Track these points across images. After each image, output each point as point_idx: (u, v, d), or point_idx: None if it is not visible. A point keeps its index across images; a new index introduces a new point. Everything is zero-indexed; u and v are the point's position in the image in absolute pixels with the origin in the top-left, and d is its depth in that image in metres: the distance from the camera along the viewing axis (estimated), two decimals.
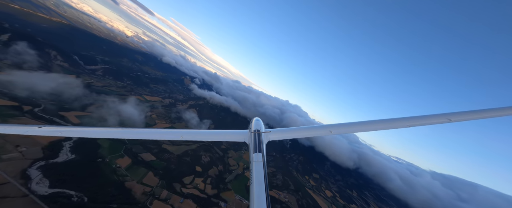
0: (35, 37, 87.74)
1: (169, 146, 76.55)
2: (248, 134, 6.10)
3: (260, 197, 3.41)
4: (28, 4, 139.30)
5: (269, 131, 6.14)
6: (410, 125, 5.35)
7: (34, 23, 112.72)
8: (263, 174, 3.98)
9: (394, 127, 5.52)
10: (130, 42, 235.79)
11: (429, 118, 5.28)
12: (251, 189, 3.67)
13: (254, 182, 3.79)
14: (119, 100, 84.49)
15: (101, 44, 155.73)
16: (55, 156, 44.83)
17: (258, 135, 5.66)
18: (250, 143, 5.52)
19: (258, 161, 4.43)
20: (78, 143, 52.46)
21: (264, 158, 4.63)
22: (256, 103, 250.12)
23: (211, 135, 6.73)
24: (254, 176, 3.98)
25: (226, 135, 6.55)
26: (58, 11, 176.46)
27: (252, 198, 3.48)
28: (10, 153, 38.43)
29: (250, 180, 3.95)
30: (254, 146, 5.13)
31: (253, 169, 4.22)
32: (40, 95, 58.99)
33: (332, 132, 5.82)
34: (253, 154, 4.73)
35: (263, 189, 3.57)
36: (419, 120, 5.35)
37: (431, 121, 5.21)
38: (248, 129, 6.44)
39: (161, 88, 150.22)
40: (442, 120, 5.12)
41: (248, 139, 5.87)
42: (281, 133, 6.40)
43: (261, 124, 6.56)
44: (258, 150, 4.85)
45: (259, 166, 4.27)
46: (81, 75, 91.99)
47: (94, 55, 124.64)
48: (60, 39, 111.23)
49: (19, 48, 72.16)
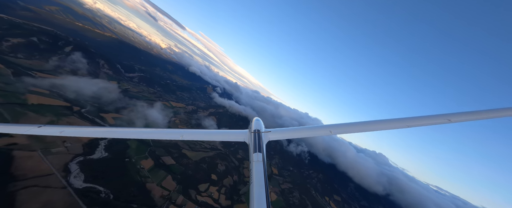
0: (89, 48, 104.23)
1: (189, 152, 79.07)
2: (248, 134, 6.08)
3: (260, 197, 3.40)
4: (89, 22, 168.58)
5: (269, 130, 6.14)
6: (410, 125, 5.31)
7: (91, 37, 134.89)
8: (263, 174, 3.98)
9: (394, 127, 5.50)
10: (163, 53, 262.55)
11: (429, 118, 5.27)
12: (251, 189, 3.67)
13: (254, 182, 3.78)
14: (148, 105, 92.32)
15: (140, 55, 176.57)
16: (92, 152, 49.94)
17: (258, 135, 5.67)
18: (250, 143, 5.52)
19: (258, 161, 4.42)
20: (112, 142, 57.84)
21: (264, 158, 4.63)
22: (274, 114, 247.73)
23: (211, 135, 6.72)
24: (254, 176, 3.97)
25: (226, 135, 6.54)
26: (110, 27, 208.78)
27: (252, 198, 3.46)
28: (58, 147, 44.08)
29: (250, 180, 3.95)
30: (254, 146, 5.13)
31: (253, 169, 4.21)
32: (84, 97, 68.01)
33: (332, 132, 5.83)
34: (253, 154, 4.72)
35: (263, 189, 3.57)
36: (419, 120, 5.35)
37: (431, 121, 5.18)
38: (248, 129, 6.38)
39: (186, 95, 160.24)
40: (442, 121, 5.12)
41: (248, 139, 5.87)
42: (281, 133, 6.39)
43: (261, 124, 6.52)
44: (258, 150, 4.85)
45: (259, 166, 4.27)
46: (121, 81, 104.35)
47: (133, 64, 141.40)
48: (108, 50, 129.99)
49: (75, 57, 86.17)
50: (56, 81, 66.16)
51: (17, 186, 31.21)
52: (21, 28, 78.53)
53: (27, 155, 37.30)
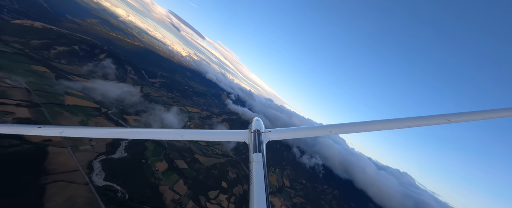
0: (120, 56, 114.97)
1: (201, 157, 79.98)
2: (248, 134, 6.06)
3: (260, 197, 3.39)
4: (121, 33, 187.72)
5: (269, 131, 6.12)
6: (410, 126, 5.32)
7: (122, 46, 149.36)
8: (263, 174, 3.96)
9: (394, 127, 5.50)
10: (183, 61, 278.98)
11: (429, 118, 5.26)
12: (251, 189, 3.66)
13: (254, 182, 3.76)
14: (165, 109, 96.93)
15: (162, 62, 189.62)
16: (113, 152, 53.04)
17: (258, 135, 5.65)
18: (250, 143, 5.52)
19: (258, 161, 4.40)
20: (132, 143, 61.13)
21: (264, 158, 4.61)
22: (287, 123, 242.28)
23: (211, 135, 6.70)
24: (254, 176, 3.94)
25: (226, 135, 6.60)
26: (139, 37, 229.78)
27: (252, 198, 3.44)
28: (85, 145, 47.69)
29: (249, 180, 3.95)
30: (254, 146, 5.13)
31: (253, 169, 4.18)
32: (109, 100, 73.77)
33: (332, 132, 5.80)
34: (253, 154, 4.71)
35: (263, 189, 3.55)
36: (419, 120, 5.35)
37: (431, 121, 5.18)
38: (248, 129, 6.37)
39: (202, 101, 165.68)
40: (441, 121, 5.11)
41: (248, 139, 5.85)
42: (281, 133, 6.35)
43: (261, 124, 6.51)
44: (258, 150, 4.84)
45: (259, 166, 4.24)
46: (144, 86, 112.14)
47: (156, 70, 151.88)
48: (136, 58, 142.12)
49: (106, 63, 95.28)
50: (88, 84, 73.30)
51: (47, 180, 33.98)
52: (66, 38, 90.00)
53: (59, 151, 40.85)
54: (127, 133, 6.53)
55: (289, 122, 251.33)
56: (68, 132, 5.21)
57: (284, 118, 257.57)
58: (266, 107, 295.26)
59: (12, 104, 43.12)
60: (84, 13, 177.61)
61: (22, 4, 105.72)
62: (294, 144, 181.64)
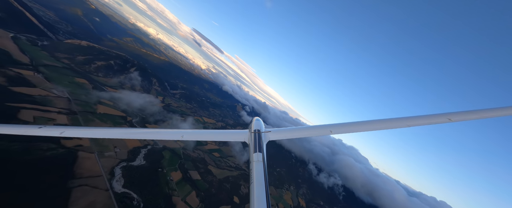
0: (147, 69, 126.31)
1: (214, 169, 79.34)
2: (248, 134, 6.01)
3: (260, 197, 3.38)
4: (150, 49, 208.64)
5: (269, 130, 6.09)
6: (410, 125, 5.32)
7: (150, 60, 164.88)
8: (263, 174, 3.95)
9: (394, 127, 5.48)
10: (202, 74, 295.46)
11: (429, 118, 5.25)
12: (251, 189, 3.64)
13: (254, 182, 3.75)
14: (182, 119, 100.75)
15: (183, 75, 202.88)
16: (133, 159, 55.49)
17: (258, 135, 5.62)
18: (250, 143, 5.49)
19: (258, 161, 4.40)
20: (151, 152, 63.69)
21: (264, 158, 4.61)
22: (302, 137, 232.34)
23: (211, 135, 6.69)
24: (254, 176, 3.94)
25: (226, 135, 6.56)
26: (165, 53, 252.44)
27: (252, 198, 3.42)
28: (110, 151, 50.85)
29: (250, 180, 3.95)
30: (254, 146, 5.11)
31: (253, 169, 4.18)
32: (133, 109, 79.32)
33: (332, 132, 5.79)
34: (253, 154, 4.70)
35: (263, 189, 3.54)
36: (419, 120, 5.32)
37: (431, 121, 5.16)
38: (248, 129, 6.37)
39: (217, 112, 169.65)
40: (442, 120, 5.08)
41: (248, 139, 5.82)
42: (281, 133, 6.36)
43: (261, 124, 6.50)
44: (258, 150, 4.82)
45: (259, 166, 4.24)
46: (166, 97, 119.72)
47: (178, 82, 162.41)
48: (161, 71, 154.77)
49: (133, 76, 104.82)
50: (117, 95, 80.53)
51: (74, 183, 36.28)
52: (104, 54, 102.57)
53: (87, 156, 44.04)
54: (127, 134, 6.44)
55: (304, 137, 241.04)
56: (68, 132, 5.10)
57: None
58: (280, 119, 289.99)
59: (54, 111, 48.80)
60: (122, 33, 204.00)
61: (74, 27, 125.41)
62: (310, 160, 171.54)
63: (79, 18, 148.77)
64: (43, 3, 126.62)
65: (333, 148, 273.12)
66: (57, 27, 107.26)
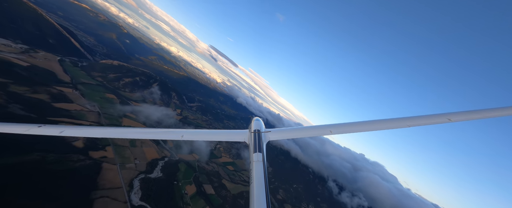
0: (167, 84, 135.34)
1: (228, 183, 77.51)
2: (248, 134, 6.00)
3: (260, 197, 3.38)
4: (171, 65, 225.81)
5: (269, 130, 6.07)
6: (410, 125, 5.32)
7: (170, 76, 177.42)
8: (263, 174, 3.95)
9: (394, 127, 5.47)
10: (218, 87, 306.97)
11: (429, 118, 5.26)
12: (251, 189, 3.64)
13: (254, 182, 3.75)
14: None
15: (200, 88, 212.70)
16: (151, 171, 56.98)
17: (258, 135, 5.61)
18: (250, 143, 5.48)
19: (258, 161, 4.38)
20: (167, 164, 65.14)
21: (264, 158, 4.59)
22: (319, 151, 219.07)
23: (211, 135, 6.71)
24: (254, 176, 3.93)
25: (226, 135, 6.52)
26: (184, 68, 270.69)
27: (252, 198, 3.43)
28: (130, 163, 53.10)
29: (250, 180, 3.93)
30: (254, 146, 5.09)
31: (253, 169, 4.17)
32: (151, 122, 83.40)
33: (332, 132, 5.74)
34: (253, 154, 4.69)
35: (263, 189, 3.54)
36: (419, 120, 5.33)
37: (431, 121, 5.19)
38: (248, 129, 6.36)
39: (231, 124, 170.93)
40: (442, 120, 5.10)
41: (248, 139, 5.80)
42: (281, 133, 6.32)
43: (261, 124, 6.45)
44: (258, 150, 4.79)
45: (259, 166, 4.22)
46: (184, 109, 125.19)
47: (195, 96, 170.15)
48: (180, 85, 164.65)
49: (154, 90, 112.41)
50: (138, 108, 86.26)
51: (96, 195, 37.90)
52: (132, 72, 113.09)
53: (110, 168, 46.39)
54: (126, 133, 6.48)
55: (321, 150, 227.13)
56: (68, 131, 5.09)
57: (316, 145, 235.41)
58: None
59: (86, 124, 53.46)
60: (148, 52, 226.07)
61: (108, 49, 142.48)
62: (330, 177, 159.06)
63: (113, 41, 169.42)
64: (85, 30, 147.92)
65: (355, 164, 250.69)
66: (95, 49, 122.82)
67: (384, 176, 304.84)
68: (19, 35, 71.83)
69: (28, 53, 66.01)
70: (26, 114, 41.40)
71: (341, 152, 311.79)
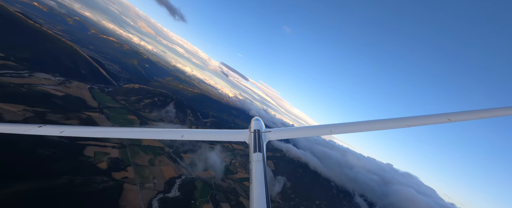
0: (183, 102, 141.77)
1: (246, 201, 74.21)
2: (248, 133, 6.02)
3: (260, 196, 3.40)
4: (186, 84, 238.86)
5: (269, 130, 6.06)
6: (410, 125, 5.36)
7: (185, 94, 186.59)
8: (263, 174, 3.98)
9: (394, 127, 5.51)
10: (230, 101, 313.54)
11: (429, 118, 5.30)
12: (251, 189, 3.66)
13: (254, 182, 3.78)
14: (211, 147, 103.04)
15: (213, 104, 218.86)
16: (169, 190, 57.16)
17: (258, 135, 5.62)
18: (250, 143, 5.48)
19: (258, 161, 4.43)
20: (185, 182, 65.19)
21: (264, 158, 4.64)
22: (341, 162, 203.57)
23: (211, 134, 6.73)
24: (254, 176, 3.96)
25: (226, 135, 6.58)
26: (198, 86, 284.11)
27: (252, 198, 3.45)
28: (149, 183, 54.05)
29: (250, 180, 3.94)
30: (254, 145, 5.10)
31: (253, 169, 4.22)
32: (166, 141, 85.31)
33: (332, 132, 5.80)
34: (253, 154, 4.73)
35: (263, 189, 3.57)
36: (419, 120, 5.37)
37: (431, 121, 5.22)
38: (248, 129, 6.38)
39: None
40: (442, 120, 5.14)
41: (248, 138, 5.81)
42: (281, 133, 6.35)
43: (261, 124, 6.46)
44: (258, 150, 4.83)
45: (259, 165, 4.27)
46: (198, 126, 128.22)
47: (209, 111, 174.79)
48: (194, 102, 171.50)
49: (169, 108, 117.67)
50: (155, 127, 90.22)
51: None
52: (151, 93, 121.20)
53: (130, 188, 47.55)
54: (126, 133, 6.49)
55: (343, 161, 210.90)
56: (68, 131, 5.09)
57: (336, 156, 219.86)
58: (312, 143, 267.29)
59: (110, 146, 56.82)
60: (165, 74, 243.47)
61: (131, 74, 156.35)
62: (356, 192, 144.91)
63: (135, 66, 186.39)
64: (112, 59, 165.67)
65: (384, 176, 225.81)
66: (119, 76, 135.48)
67: (419, 189, 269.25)
68: (57, 69, 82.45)
69: (64, 84, 74.79)
70: (58, 140, 45.33)
71: (365, 162, 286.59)
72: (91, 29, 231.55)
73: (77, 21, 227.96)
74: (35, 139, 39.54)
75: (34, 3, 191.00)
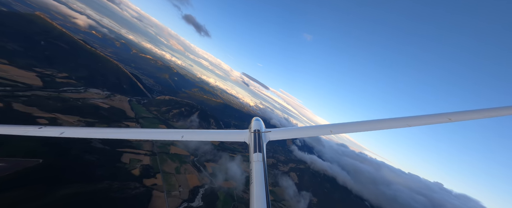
0: (207, 112, 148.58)
1: None
2: (248, 134, 6.03)
3: (260, 196, 3.41)
4: (210, 94, 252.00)
5: (269, 130, 6.09)
6: (410, 125, 5.38)
7: (209, 104, 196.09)
8: (263, 174, 3.97)
9: (394, 126, 5.53)
10: (251, 110, 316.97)
11: (429, 118, 5.32)
12: (251, 189, 3.66)
13: (254, 182, 3.78)
14: (232, 156, 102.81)
15: (235, 113, 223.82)
16: (193, 199, 58.11)
17: (258, 135, 5.64)
18: (250, 143, 5.50)
19: (258, 161, 4.41)
20: (207, 191, 65.80)
21: (264, 158, 4.62)
22: (376, 178, 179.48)
23: (211, 134, 6.58)
24: (254, 176, 3.95)
25: (227, 135, 6.49)
26: (220, 96, 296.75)
27: (252, 198, 3.46)
28: (175, 190, 55.97)
29: (250, 180, 3.93)
30: (254, 146, 5.11)
31: (253, 169, 4.20)
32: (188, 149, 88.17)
33: (332, 132, 5.81)
34: (253, 154, 4.71)
35: (263, 189, 3.57)
36: (419, 120, 5.39)
37: (431, 120, 5.24)
38: (248, 129, 6.31)
39: (267, 147, 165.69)
40: (442, 120, 5.16)
41: (248, 139, 5.83)
42: (281, 133, 6.30)
43: (261, 124, 6.42)
44: (258, 150, 4.82)
45: (259, 166, 4.25)
46: None
47: (231, 120, 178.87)
48: (217, 112, 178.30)
49: (193, 118, 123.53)
50: None
51: None
52: (179, 104, 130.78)
53: (158, 195, 49.86)
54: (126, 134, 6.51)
55: (378, 177, 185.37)
56: (68, 132, 5.09)
57: (369, 170, 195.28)
58: (339, 154, 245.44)
59: (142, 153, 61.68)
60: (191, 85, 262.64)
61: (162, 87, 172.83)
62: None
63: (166, 80, 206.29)
64: (148, 74, 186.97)
65: (433, 197, 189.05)
66: (153, 88, 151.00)
67: None
68: (105, 84, 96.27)
69: (109, 97, 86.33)
70: (102, 147, 51.21)
71: (407, 179, 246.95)
72: (133, 49, 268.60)
73: (122, 44, 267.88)
74: (84, 146, 45.42)
75: (93, 32, 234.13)
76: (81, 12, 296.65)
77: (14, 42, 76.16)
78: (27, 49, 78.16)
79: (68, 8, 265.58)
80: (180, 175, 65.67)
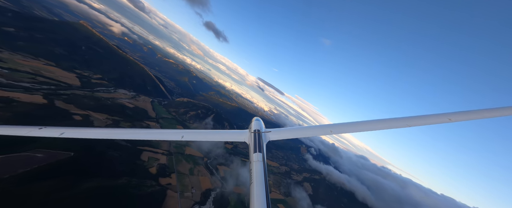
0: (221, 115, 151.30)
1: None
2: (248, 134, 6.06)
3: (260, 197, 3.43)
4: (225, 98, 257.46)
5: (269, 131, 6.15)
6: (410, 125, 5.41)
7: (224, 107, 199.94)
8: (263, 174, 4.00)
9: (394, 126, 5.56)
10: (265, 115, 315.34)
11: (429, 118, 5.36)
12: (251, 189, 3.69)
13: (254, 182, 3.79)
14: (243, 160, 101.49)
15: (249, 117, 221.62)
16: (204, 202, 58.12)
17: (258, 135, 5.66)
18: (250, 143, 5.53)
19: (258, 161, 4.45)
20: (219, 195, 65.43)
21: (264, 158, 4.65)
22: (401, 196, 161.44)
23: (211, 135, 6.52)
24: (254, 176, 3.98)
25: (227, 135, 6.57)
26: (236, 100, 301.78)
27: (252, 198, 3.47)
28: (188, 192, 56.66)
29: (250, 180, 3.96)
30: (254, 146, 5.13)
31: (253, 169, 4.23)
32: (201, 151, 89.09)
33: (332, 132, 5.83)
34: (253, 154, 4.75)
35: (263, 189, 3.58)
36: (419, 120, 5.43)
37: (431, 121, 5.28)
38: (248, 129, 6.37)
39: (280, 154, 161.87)
40: (442, 120, 5.18)
41: (248, 139, 5.86)
42: (281, 133, 6.35)
43: (261, 124, 6.46)
44: (258, 150, 4.85)
45: (259, 166, 4.29)
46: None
47: (244, 125, 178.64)
48: (231, 115, 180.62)
49: (208, 121, 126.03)
50: None
51: None
52: (196, 106, 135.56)
53: (172, 195, 50.85)
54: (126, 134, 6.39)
55: (404, 196, 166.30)
56: (68, 133, 5.11)
57: (393, 187, 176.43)
58: (359, 167, 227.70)
59: (160, 152, 64.19)
60: (208, 89, 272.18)
61: (182, 89, 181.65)
62: None
63: (185, 83, 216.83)
64: (169, 77, 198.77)
65: None
66: (173, 91, 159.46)
67: None
68: (132, 86, 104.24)
69: (134, 98, 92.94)
70: (124, 144, 54.49)
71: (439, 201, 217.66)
72: (158, 54, 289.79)
73: (149, 49, 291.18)
74: (109, 142, 48.70)
75: (125, 38, 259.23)
76: (117, 20, 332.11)
77: (61, 47, 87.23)
78: (70, 53, 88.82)
79: (107, 17, 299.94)
80: (193, 176, 66.63)
